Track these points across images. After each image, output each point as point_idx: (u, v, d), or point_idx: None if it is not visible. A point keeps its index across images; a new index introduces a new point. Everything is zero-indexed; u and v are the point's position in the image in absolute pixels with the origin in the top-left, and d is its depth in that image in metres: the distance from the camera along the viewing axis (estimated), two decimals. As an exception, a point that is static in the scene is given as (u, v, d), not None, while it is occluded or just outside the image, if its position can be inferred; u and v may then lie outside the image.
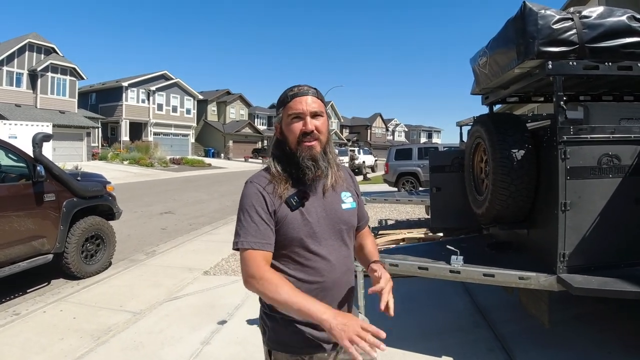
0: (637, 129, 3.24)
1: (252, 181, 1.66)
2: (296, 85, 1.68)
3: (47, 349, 3.86)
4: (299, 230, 1.61)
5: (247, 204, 1.61)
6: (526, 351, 3.64)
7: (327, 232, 1.66)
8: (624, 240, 3.23)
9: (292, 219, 1.60)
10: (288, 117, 1.64)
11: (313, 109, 1.63)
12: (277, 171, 1.65)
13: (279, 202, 1.60)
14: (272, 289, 1.49)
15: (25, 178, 5.30)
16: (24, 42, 31.59)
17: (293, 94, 1.64)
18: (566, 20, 3.18)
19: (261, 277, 1.51)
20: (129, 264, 6.70)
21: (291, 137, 1.64)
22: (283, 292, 1.47)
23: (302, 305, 1.44)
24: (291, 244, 1.61)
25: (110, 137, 41.79)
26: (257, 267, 1.54)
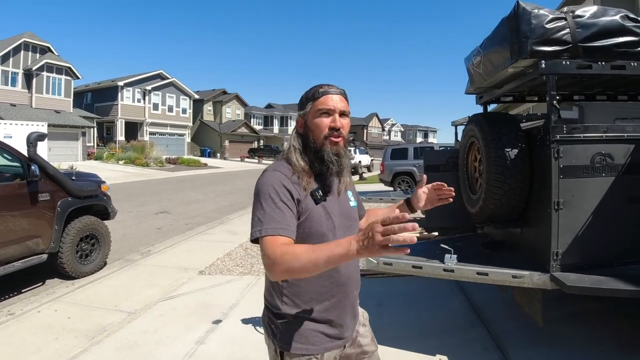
0: (630, 128, 3.26)
1: (275, 169, 1.64)
2: (325, 83, 1.71)
3: (42, 349, 3.85)
4: (322, 225, 1.63)
5: (271, 191, 1.56)
6: (520, 349, 3.65)
7: (342, 228, 1.70)
8: (617, 239, 3.25)
9: (317, 213, 1.62)
10: (317, 112, 1.67)
11: (341, 107, 1.68)
12: (300, 163, 1.65)
13: (304, 193, 1.61)
14: (292, 257, 1.37)
15: (19, 177, 5.27)
16: (19, 41, 31.45)
17: (324, 91, 1.67)
18: (559, 20, 3.19)
19: (280, 253, 1.40)
20: (124, 264, 6.68)
21: (317, 131, 1.66)
22: (303, 254, 1.36)
23: (327, 255, 1.31)
24: (313, 238, 1.60)
25: (105, 137, 41.64)
26: (279, 248, 1.42)
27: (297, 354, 1.62)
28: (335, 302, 1.67)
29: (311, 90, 1.71)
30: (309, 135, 1.69)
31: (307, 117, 1.70)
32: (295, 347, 1.63)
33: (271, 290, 1.70)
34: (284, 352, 1.64)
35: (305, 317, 1.63)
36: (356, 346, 1.81)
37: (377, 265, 3.66)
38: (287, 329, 1.64)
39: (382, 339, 3.78)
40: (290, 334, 1.64)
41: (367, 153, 37.50)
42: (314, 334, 1.64)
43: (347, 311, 1.73)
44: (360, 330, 1.85)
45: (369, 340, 1.88)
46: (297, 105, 1.77)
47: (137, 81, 42.49)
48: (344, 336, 1.72)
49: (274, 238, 1.49)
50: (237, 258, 7.00)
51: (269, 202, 1.55)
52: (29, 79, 32.18)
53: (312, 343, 1.63)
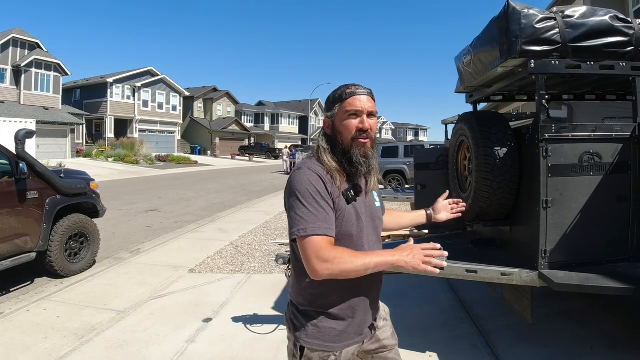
0: (618, 128, 3.29)
1: (310, 168, 1.64)
2: (352, 83, 1.72)
3: (31, 348, 3.82)
4: (352, 225, 1.66)
5: (311, 190, 1.58)
6: (509, 347, 3.68)
7: (369, 228, 1.73)
8: (604, 237, 3.28)
9: (349, 213, 1.65)
10: (345, 114, 1.67)
11: (369, 108, 1.68)
12: (332, 164, 1.66)
13: (338, 193, 1.63)
14: (348, 260, 1.52)
15: (7, 175, 5.22)
16: (8, 37, 31.09)
17: (351, 92, 1.68)
18: (549, 20, 3.21)
19: (334, 257, 1.52)
20: (114, 262, 6.64)
21: (346, 133, 1.67)
22: (357, 258, 1.53)
23: (377, 261, 1.54)
24: (343, 237, 1.64)
25: (94, 134, 41.31)
26: (327, 250, 1.53)
27: (317, 350, 1.66)
28: (359, 300, 1.70)
29: (338, 91, 1.72)
30: (337, 136, 1.70)
31: (335, 118, 1.71)
32: (316, 343, 1.66)
33: (297, 287, 1.72)
34: (305, 347, 1.67)
35: (329, 315, 1.66)
36: (375, 341, 1.84)
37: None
38: (310, 325, 1.67)
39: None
40: (313, 331, 1.67)
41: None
42: (335, 332, 1.67)
43: (369, 308, 1.77)
44: (380, 324, 1.88)
45: (388, 335, 1.91)
46: (325, 106, 1.79)
47: (127, 78, 42.14)
48: (363, 332, 1.76)
49: (323, 238, 1.54)
50: (227, 256, 6.99)
51: (310, 201, 1.57)
52: (18, 75, 31.85)
53: (333, 341, 1.66)
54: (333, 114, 1.71)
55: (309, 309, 1.69)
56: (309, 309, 1.68)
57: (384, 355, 1.87)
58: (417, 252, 1.53)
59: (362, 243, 1.68)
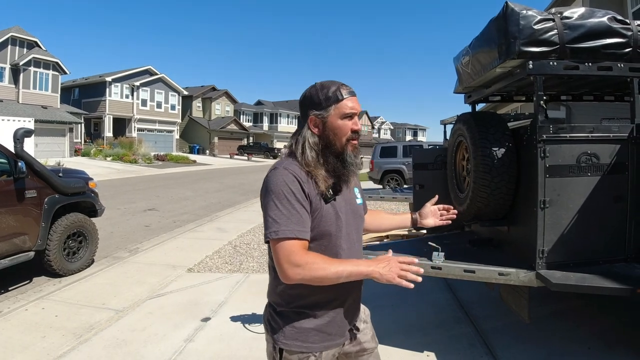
0: (615, 128, 3.30)
1: (286, 168, 1.60)
2: (340, 82, 1.68)
3: (30, 347, 3.82)
4: (331, 224, 1.63)
5: (285, 190, 1.54)
6: (507, 346, 3.69)
7: (349, 226, 1.71)
8: (602, 238, 3.29)
9: (326, 213, 1.61)
10: (341, 115, 1.64)
11: (360, 109, 1.70)
12: (314, 163, 1.62)
13: (315, 192, 1.59)
14: (320, 267, 1.49)
15: (6, 174, 5.21)
16: (6, 35, 31.02)
17: (347, 92, 1.65)
18: (547, 21, 3.22)
19: (306, 262, 1.49)
20: (112, 262, 6.64)
21: (341, 134, 1.65)
22: (330, 266, 1.50)
23: (350, 270, 1.51)
24: (322, 237, 1.62)
25: (93, 133, 41.27)
26: (299, 254, 1.50)
27: (296, 352, 1.63)
28: (338, 302, 1.67)
29: (329, 89, 1.65)
30: (329, 136, 1.66)
31: (328, 118, 1.65)
32: (294, 344, 1.63)
33: (275, 288, 1.69)
34: (283, 349, 1.64)
35: (307, 316, 1.63)
36: (355, 343, 1.81)
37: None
38: (288, 326, 1.64)
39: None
40: (291, 332, 1.64)
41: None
42: (314, 333, 1.64)
43: (349, 310, 1.73)
44: (361, 327, 1.85)
45: (369, 338, 1.88)
46: (306, 101, 1.70)
47: (126, 77, 42.08)
48: (344, 334, 1.73)
49: (295, 242, 1.52)
50: (226, 256, 6.99)
51: (284, 202, 1.53)
52: (16, 74, 31.79)
53: (312, 341, 1.63)
54: (327, 114, 1.65)
55: (286, 309, 1.65)
56: (286, 310, 1.65)
57: (365, 358, 1.84)
58: (393, 265, 1.51)
59: (340, 242, 1.65)
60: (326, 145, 1.66)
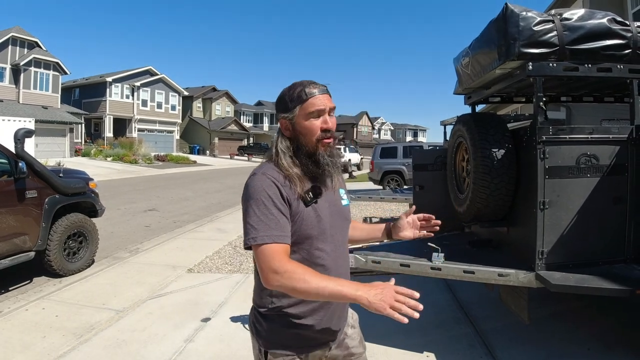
0: (615, 130, 3.31)
1: (264, 173, 1.58)
2: (308, 81, 1.64)
3: (30, 347, 3.83)
4: (312, 228, 1.60)
5: (263, 196, 1.52)
6: (506, 347, 3.70)
7: (333, 229, 1.67)
8: (601, 239, 3.30)
9: (307, 216, 1.58)
10: (308, 114, 1.60)
11: (330, 105, 1.63)
12: (290, 166, 1.60)
13: (294, 196, 1.57)
14: (301, 279, 1.42)
15: (6, 174, 5.22)
16: (7, 36, 31.04)
17: (310, 92, 1.60)
18: (547, 22, 3.23)
19: (285, 270, 1.44)
20: (112, 262, 6.65)
21: (310, 134, 1.61)
22: (312, 280, 1.42)
23: (332, 290, 1.42)
24: (303, 241, 1.59)
25: (93, 133, 41.27)
26: (280, 261, 1.46)
27: (280, 354, 1.62)
28: (322, 305, 1.64)
29: (295, 90, 1.62)
30: (299, 138, 1.63)
31: (295, 119, 1.62)
32: (278, 347, 1.62)
33: (259, 290, 1.66)
34: (268, 352, 1.63)
35: (291, 319, 1.61)
36: (343, 348, 1.78)
37: (365, 264, 3.68)
38: (272, 329, 1.63)
39: (370, 336, 3.80)
40: (275, 334, 1.63)
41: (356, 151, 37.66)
42: (298, 335, 1.62)
43: (335, 314, 1.70)
44: (349, 332, 1.83)
45: (356, 343, 1.85)
46: (277, 104, 1.69)
47: (126, 77, 42.09)
48: (329, 338, 1.70)
49: (275, 247, 1.49)
50: (226, 256, 6.99)
51: (262, 208, 1.52)
52: (17, 74, 31.81)
53: (295, 344, 1.62)
54: (293, 115, 1.62)
55: (269, 313, 1.63)
56: (270, 313, 1.63)
57: None
58: (387, 294, 1.39)
59: (323, 245, 1.63)
60: (298, 147, 1.64)
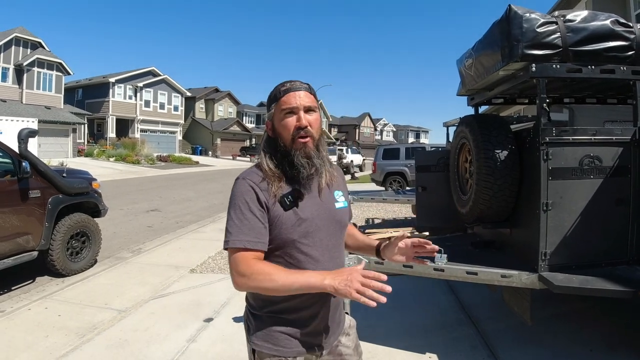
0: (618, 131, 3.30)
1: (244, 178, 1.59)
2: (288, 80, 1.63)
3: (32, 346, 3.84)
4: (292, 232, 1.56)
5: (240, 201, 1.54)
6: (509, 348, 3.69)
7: (322, 232, 1.62)
8: (604, 240, 3.29)
9: (286, 220, 1.55)
10: (281, 113, 1.58)
11: (306, 103, 1.58)
12: (270, 169, 1.58)
13: (273, 200, 1.54)
14: (267, 278, 1.44)
15: (10, 174, 5.24)
16: (10, 36, 31.16)
17: (285, 89, 1.59)
18: (550, 24, 3.23)
19: (251, 272, 1.46)
20: (115, 262, 6.66)
21: (285, 133, 1.58)
22: (278, 277, 1.43)
23: (301, 283, 1.42)
24: (284, 245, 1.57)
25: (96, 134, 41.37)
26: (247, 264, 1.47)
27: (267, 354, 1.60)
28: (313, 309, 1.62)
29: (274, 89, 1.63)
30: (277, 137, 1.62)
31: (274, 119, 1.62)
32: (266, 347, 1.60)
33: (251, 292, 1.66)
34: (256, 351, 1.62)
35: (279, 320, 1.59)
36: (336, 355, 1.75)
37: (367, 265, 3.67)
38: (261, 328, 1.61)
39: (372, 337, 3.82)
40: (264, 334, 1.61)
41: (359, 153, 37.60)
42: (286, 337, 1.60)
43: (326, 318, 1.66)
44: (343, 339, 1.78)
45: (350, 351, 1.80)
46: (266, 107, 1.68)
47: (129, 78, 42.20)
48: (319, 343, 1.66)
49: (244, 253, 1.50)
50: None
51: (237, 213, 1.53)
52: (20, 74, 31.93)
53: (283, 345, 1.60)
54: (271, 115, 1.62)
55: (261, 313, 1.62)
56: (261, 313, 1.62)
57: None
58: (354, 279, 1.35)
59: (308, 250, 1.58)
60: (276, 147, 1.62)
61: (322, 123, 1.75)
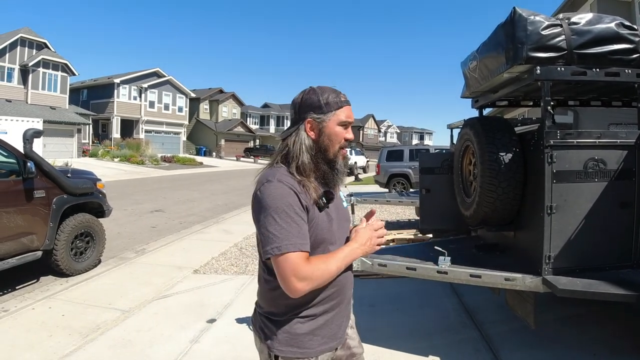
0: (623, 134, 3.30)
1: (280, 180, 1.56)
2: (336, 89, 1.70)
3: (36, 346, 3.85)
4: (326, 232, 1.62)
5: (284, 204, 1.51)
6: (512, 352, 3.68)
7: (340, 230, 1.71)
8: (608, 243, 3.29)
9: (321, 220, 1.60)
10: (340, 123, 1.65)
11: (354, 120, 1.74)
12: (307, 168, 1.61)
13: (310, 202, 1.58)
14: (324, 269, 1.53)
15: (15, 174, 5.27)
16: (15, 36, 31.28)
17: (346, 101, 1.68)
18: (555, 27, 3.22)
19: (311, 272, 1.49)
20: (119, 262, 6.68)
21: (335, 142, 1.66)
22: (330, 266, 1.55)
23: (346, 261, 1.61)
24: (318, 245, 1.60)
25: (101, 134, 41.47)
26: (306, 267, 1.49)
27: (292, 358, 1.60)
28: (333, 304, 1.65)
29: (330, 95, 1.65)
30: (324, 142, 1.65)
31: (327, 123, 1.64)
32: (290, 350, 1.60)
33: (269, 299, 1.66)
34: (279, 356, 1.61)
35: (302, 322, 1.60)
36: (346, 348, 1.79)
37: (371, 267, 3.68)
38: (283, 333, 1.61)
39: (376, 339, 3.82)
40: (286, 338, 1.61)
41: (362, 154, 37.57)
42: (309, 337, 1.61)
43: (343, 313, 1.72)
44: (349, 332, 1.82)
45: (356, 343, 1.86)
46: (304, 104, 1.66)
47: (134, 79, 42.28)
48: (337, 337, 1.70)
49: (299, 254, 1.49)
50: (232, 257, 7.01)
51: (283, 216, 1.50)
52: (25, 74, 32.03)
53: (307, 347, 1.61)
54: (322, 119, 1.64)
55: (282, 319, 1.62)
56: (283, 319, 1.62)
57: None
58: (373, 238, 1.68)
59: (332, 248, 1.65)
60: (319, 151, 1.65)
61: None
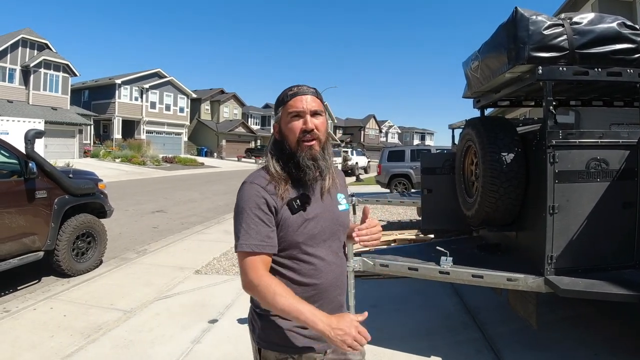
0: (625, 134, 3.29)
1: (252, 182, 1.61)
2: (295, 85, 1.66)
3: (38, 346, 3.85)
4: (298, 234, 1.59)
5: (248, 205, 1.57)
6: (514, 352, 3.67)
7: (325, 234, 1.66)
8: (610, 244, 3.28)
9: (292, 222, 1.58)
10: (288, 116, 1.62)
11: (313, 107, 1.62)
12: (277, 171, 1.62)
13: (281, 203, 1.57)
14: (270, 296, 1.48)
15: (17, 175, 5.27)
16: (17, 37, 31.33)
17: (293, 93, 1.63)
18: (557, 26, 3.22)
19: (258, 284, 1.50)
20: (120, 262, 6.68)
21: (291, 136, 1.62)
22: (280, 300, 1.46)
23: (298, 315, 1.45)
24: (290, 247, 1.60)
25: (102, 135, 41.52)
26: (255, 273, 1.52)
27: (273, 353, 1.62)
28: (317, 307, 1.59)
29: (282, 93, 1.67)
30: (283, 140, 1.65)
31: (280, 122, 1.66)
32: (271, 345, 1.63)
33: None
34: (261, 349, 1.64)
35: (285, 319, 1.59)
36: (339, 353, 1.73)
37: (373, 267, 3.67)
38: (267, 327, 1.63)
39: (377, 340, 3.80)
40: (269, 332, 1.63)
41: (364, 154, 37.56)
42: (292, 335, 1.62)
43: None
44: None
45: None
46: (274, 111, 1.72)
47: (135, 79, 42.34)
48: (324, 340, 1.62)
49: (253, 258, 1.54)
50: (233, 258, 7.00)
51: (245, 217, 1.56)
52: (27, 75, 32.08)
53: (289, 343, 1.62)
54: (278, 118, 1.67)
55: (265, 312, 1.64)
56: (266, 313, 1.64)
57: None
58: (349, 335, 1.40)
59: (311, 251, 1.62)
60: (282, 149, 1.65)
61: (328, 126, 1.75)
